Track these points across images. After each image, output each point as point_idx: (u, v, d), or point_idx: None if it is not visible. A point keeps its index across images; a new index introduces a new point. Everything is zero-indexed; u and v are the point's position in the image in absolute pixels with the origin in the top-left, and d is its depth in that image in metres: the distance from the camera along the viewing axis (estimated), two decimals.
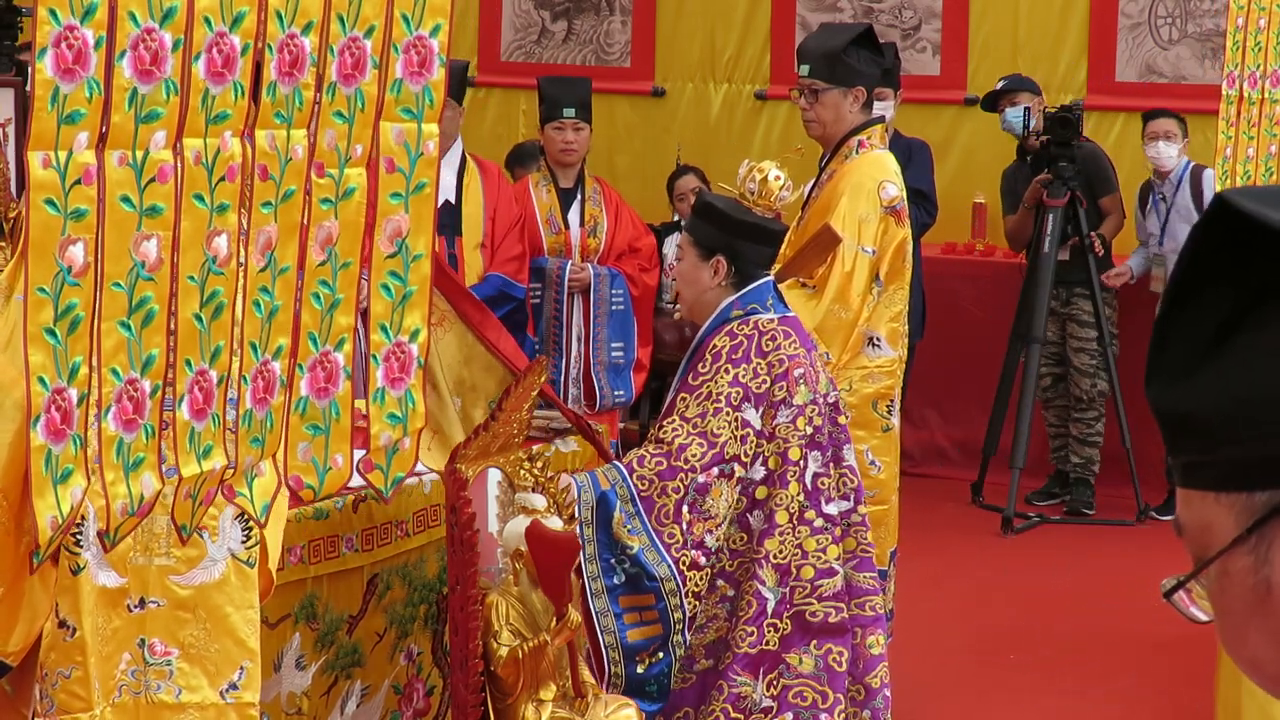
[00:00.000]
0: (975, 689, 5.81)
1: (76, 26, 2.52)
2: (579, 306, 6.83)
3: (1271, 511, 1.13)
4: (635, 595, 3.94)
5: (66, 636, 3.27)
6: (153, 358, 2.74)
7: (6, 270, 3.42)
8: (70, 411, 2.66)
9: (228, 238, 2.80)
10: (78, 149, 2.55)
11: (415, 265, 3.19)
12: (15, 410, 3.30)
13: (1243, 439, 1.13)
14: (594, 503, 3.91)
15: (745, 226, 4.14)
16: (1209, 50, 8.40)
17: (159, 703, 3.34)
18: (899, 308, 5.16)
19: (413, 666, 4.05)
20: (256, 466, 3.05)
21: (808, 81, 5.26)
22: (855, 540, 4.17)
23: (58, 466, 2.67)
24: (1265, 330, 1.12)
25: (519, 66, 9.49)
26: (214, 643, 3.35)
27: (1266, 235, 1.12)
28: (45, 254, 2.57)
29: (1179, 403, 1.17)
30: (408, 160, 3.11)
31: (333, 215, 3.03)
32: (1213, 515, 1.17)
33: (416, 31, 3.06)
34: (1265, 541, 1.13)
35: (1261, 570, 1.14)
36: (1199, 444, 1.17)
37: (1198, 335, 1.16)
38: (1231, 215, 1.14)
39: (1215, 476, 1.16)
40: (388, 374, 3.20)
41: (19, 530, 3.34)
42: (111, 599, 3.30)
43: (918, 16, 8.97)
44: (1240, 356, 1.13)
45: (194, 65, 2.67)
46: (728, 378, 4.02)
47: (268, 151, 2.86)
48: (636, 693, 3.92)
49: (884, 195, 5.14)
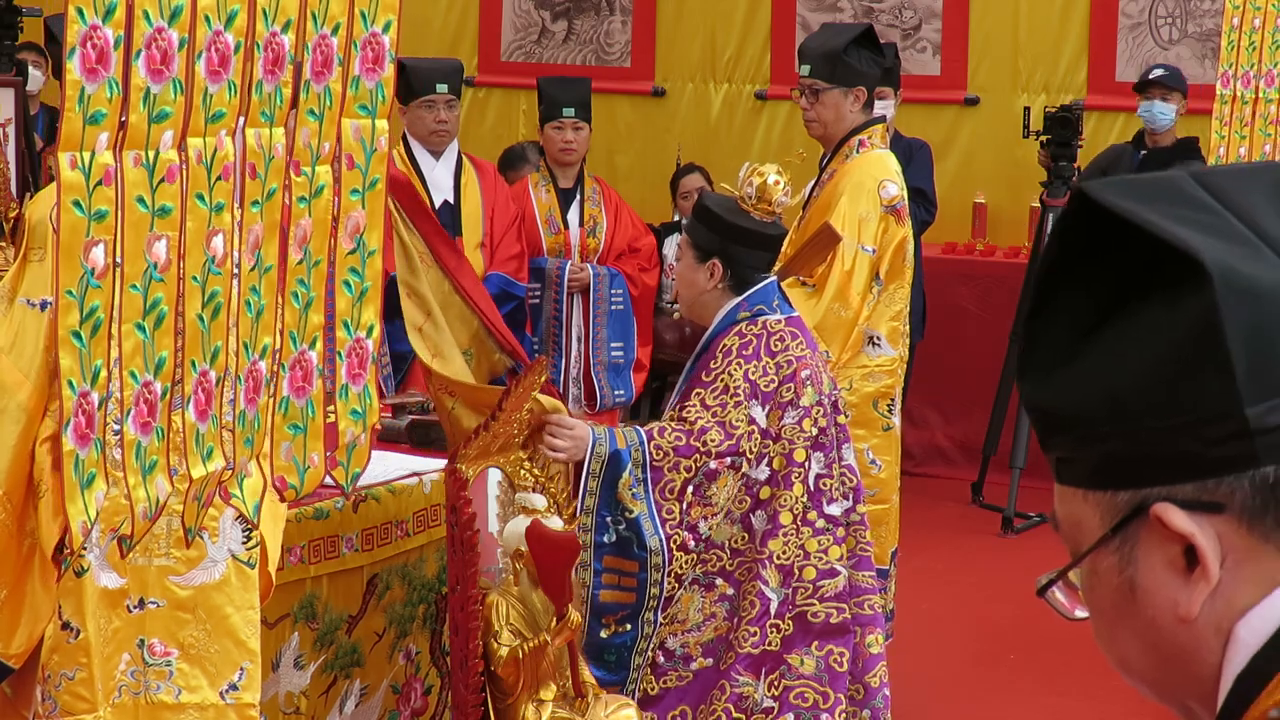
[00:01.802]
0: (975, 689, 5.81)
1: (99, 26, 2.51)
2: (579, 306, 6.84)
3: (1134, 511, 1.12)
4: (620, 559, 3.93)
5: (70, 638, 3.28)
6: (163, 360, 2.75)
7: (9, 273, 3.42)
8: (93, 415, 2.67)
9: (224, 237, 2.81)
10: (99, 149, 2.56)
11: (370, 261, 3.21)
12: (19, 412, 3.31)
13: (1105, 437, 1.12)
14: (606, 457, 3.90)
15: (741, 231, 4.12)
16: (1209, 50, 8.40)
17: (158, 703, 3.34)
18: (899, 306, 5.16)
19: (411, 666, 4.05)
20: (244, 467, 3.06)
21: (809, 81, 5.26)
22: (854, 539, 4.17)
23: (84, 471, 2.68)
24: (1127, 326, 1.11)
25: (519, 66, 9.49)
26: (214, 643, 3.36)
27: (1126, 229, 1.11)
28: (72, 256, 2.58)
29: (1046, 398, 1.16)
30: (364, 156, 3.13)
31: (307, 213, 3.05)
32: (1081, 513, 1.16)
33: (371, 28, 3.07)
34: (1129, 542, 1.13)
35: (1126, 571, 1.13)
36: (1066, 440, 1.16)
37: (1063, 331, 1.14)
38: (1091, 208, 1.13)
39: (1082, 473, 1.15)
40: (349, 370, 3.21)
41: (21, 532, 3.34)
42: (112, 600, 3.31)
43: (918, 16, 8.97)
44: (1103, 353, 1.12)
45: (196, 64, 2.68)
46: (740, 372, 4.03)
47: (255, 150, 2.87)
48: (595, 656, 3.92)
49: (884, 194, 5.14)
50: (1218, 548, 1.10)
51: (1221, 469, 1.09)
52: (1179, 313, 1.08)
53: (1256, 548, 1.09)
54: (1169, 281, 1.09)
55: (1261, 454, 1.08)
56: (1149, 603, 1.13)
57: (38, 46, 7.79)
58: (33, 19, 6.96)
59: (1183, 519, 1.09)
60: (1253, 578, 1.10)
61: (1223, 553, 1.10)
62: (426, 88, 6.36)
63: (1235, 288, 1.06)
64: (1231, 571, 1.10)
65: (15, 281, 3.37)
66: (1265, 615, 1.09)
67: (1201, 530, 1.09)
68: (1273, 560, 1.09)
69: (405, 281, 3.78)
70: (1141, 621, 1.14)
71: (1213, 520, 1.09)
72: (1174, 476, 1.10)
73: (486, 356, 3.93)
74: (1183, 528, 1.09)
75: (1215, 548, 1.09)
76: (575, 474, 3.90)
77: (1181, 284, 1.08)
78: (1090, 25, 8.72)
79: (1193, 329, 1.07)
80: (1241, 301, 1.06)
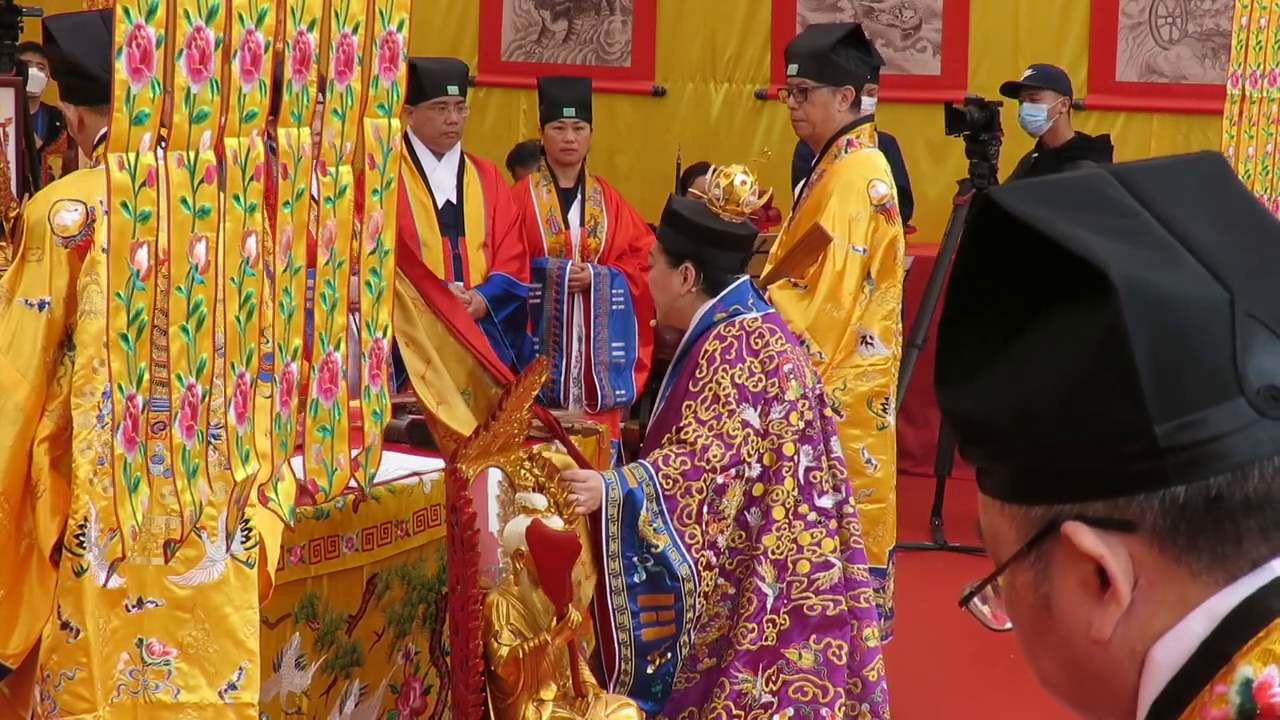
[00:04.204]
0: (975, 688, 5.81)
1: (143, 25, 2.49)
2: (579, 306, 6.83)
3: (1048, 527, 1.08)
4: (654, 594, 3.94)
5: (70, 638, 3.28)
6: (203, 362, 2.73)
7: (7, 273, 3.42)
8: (138, 418, 2.66)
9: (256, 238, 2.80)
10: (143, 150, 2.54)
11: (386, 260, 3.21)
12: (16, 412, 3.31)
13: (1016, 450, 1.09)
14: (621, 500, 3.91)
15: (710, 233, 4.11)
16: (1209, 50, 8.41)
17: (157, 703, 3.34)
18: (891, 305, 5.16)
19: (410, 666, 4.05)
20: (279, 470, 3.05)
21: (796, 80, 5.26)
22: (847, 531, 4.17)
23: (131, 475, 2.67)
24: (1036, 337, 1.07)
25: (519, 66, 9.50)
26: (213, 643, 3.35)
27: (1031, 237, 1.07)
28: (120, 258, 2.56)
29: (961, 406, 1.13)
30: (382, 155, 3.13)
31: (332, 214, 3.04)
32: (999, 525, 1.13)
33: (388, 27, 3.07)
34: (1044, 559, 1.09)
35: (1041, 587, 1.10)
36: (981, 451, 1.13)
37: (977, 339, 1.11)
38: (998, 216, 1.09)
39: (998, 485, 1.12)
40: (370, 371, 3.21)
41: (19, 532, 3.34)
42: (110, 599, 3.31)
43: (918, 16, 8.97)
44: (1014, 362, 1.08)
45: (232, 63, 2.67)
46: (727, 379, 4.02)
47: (286, 150, 2.86)
48: (643, 692, 3.93)
49: (874, 193, 5.14)
50: (1129, 568, 1.06)
51: (1131, 488, 1.05)
52: (1085, 326, 1.04)
53: (1169, 569, 1.06)
54: (1076, 292, 1.05)
55: (1172, 473, 1.04)
56: (1064, 621, 1.10)
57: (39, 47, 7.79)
58: (33, 19, 6.96)
59: (1092, 539, 1.06)
60: (1165, 600, 1.06)
61: (1135, 574, 1.06)
62: (438, 89, 6.36)
63: (1143, 300, 1.02)
64: (1145, 592, 1.07)
65: (13, 281, 3.37)
66: (1180, 637, 1.06)
67: (1112, 551, 1.06)
68: (1184, 583, 1.06)
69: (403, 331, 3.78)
70: (1058, 639, 1.11)
71: (1125, 540, 1.06)
72: (1085, 494, 1.07)
73: (483, 393, 3.93)
74: (1091, 549, 1.06)
75: (1127, 569, 1.06)
76: (592, 523, 3.90)
77: (1087, 295, 1.04)
78: (1090, 25, 8.73)
79: (1098, 342, 1.03)
80: (1149, 314, 1.02)
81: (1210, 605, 1.05)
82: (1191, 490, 1.04)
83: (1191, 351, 1.03)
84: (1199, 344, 1.03)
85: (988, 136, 7.21)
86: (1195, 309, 1.03)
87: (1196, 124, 7.87)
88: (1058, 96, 7.36)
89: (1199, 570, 1.05)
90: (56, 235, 3.34)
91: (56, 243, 3.34)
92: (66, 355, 3.34)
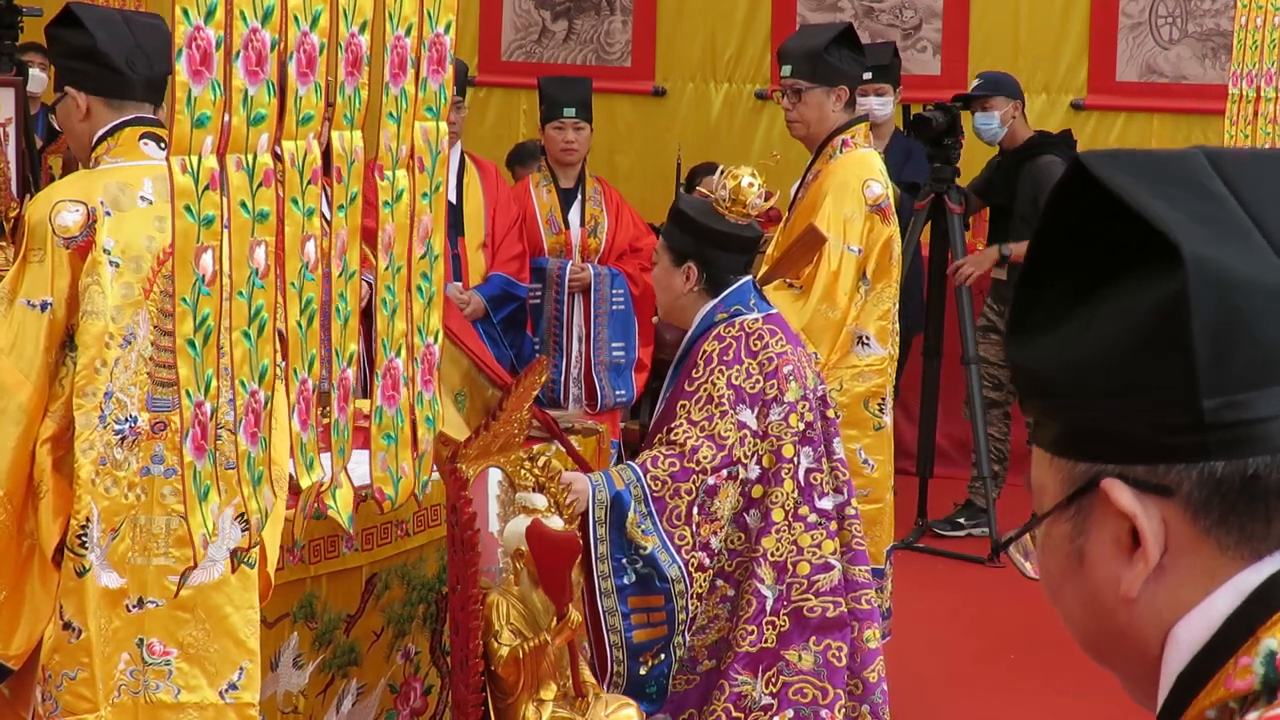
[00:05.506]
0: (975, 689, 5.81)
1: (202, 27, 2.48)
2: (580, 306, 6.84)
3: (1089, 483, 1.13)
4: (645, 596, 3.94)
5: (72, 638, 3.28)
6: (264, 368, 2.71)
7: (10, 274, 3.43)
8: (206, 425, 2.64)
9: (314, 243, 2.78)
10: (204, 153, 2.53)
11: (435, 265, 3.19)
12: (19, 413, 3.32)
13: (1068, 406, 1.14)
14: (608, 502, 3.90)
15: (716, 234, 4.11)
16: (1209, 50, 8.41)
17: (158, 702, 3.35)
18: (887, 305, 5.16)
19: (410, 666, 4.05)
20: (337, 477, 3.04)
21: (790, 81, 5.26)
22: (848, 533, 4.17)
23: (200, 483, 2.66)
24: (1104, 300, 1.11)
25: (519, 66, 9.50)
26: (213, 643, 3.36)
27: (1114, 205, 1.11)
28: (185, 263, 2.55)
29: (1026, 359, 1.17)
30: (430, 159, 3.11)
31: (390, 219, 3.02)
32: (1046, 477, 1.18)
33: (436, 29, 3.06)
34: (1083, 513, 1.14)
35: (1077, 540, 1.15)
36: (1038, 405, 1.17)
37: (1051, 297, 1.15)
38: (1088, 181, 1.13)
39: (1050, 439, 1.17)
40: (423, 377, 3.19)
41: (21, 533, 3.35)
42: (111, 599, 3.31)
43: (918, 16, 8.97)
44: (1080, 324, 1.12)
45: (288, 65, 2.65)
46: (722, 380, 4.02)
47: (340, 153, 2.84)
48: (636, 693, 3.93)
49: (868, 194, 5.14)
50: (1160, 532, 1.10)
51: (1172, 456, 1.09)
52: (1150, 294, 1.08)
53: (1199, 540, 1.10)
54: (1148, 261, 1.08)
55: (1213, 448, 1.08)
56: (1094, 574, 1.14)
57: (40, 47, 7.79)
58: (33, 19, 6.96)
59: (1129, 499, 1.10)
60: (1192, 569, 1.10)
61: (1166, 539, 1.10)
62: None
63: (1210, 278, 1.06)
64: (1173, 558, 1.11)
65: (15, 282, 3.38)
66: (1206, 613, 1.10)
67: (1146, 512, 1.10)
68: (1212, 556, 1.10)
69: None
70: (1087, 593, 1.16)
71: (1160, 504, 1.10)
72: (1128, 456, 1.11)
73: (480, 394, 3.93)
74: (1128, 507, 1.10)
75: (1158, 532, 1.10)
76: (582, 525, 3.90)
77: (1158, 267, 1.07)
78: (1090, 25, 8.73)
79: (1160, 313, 1.07)
80: (1214, 292, 1.06)
81: (1236, 581, 1.09)
82: (1229, 467, 1.08)
83: (1249, 333, 1.06)
84: (1257, 327, 1.06)
85: (950, 141, 7.25)
86: (1260, 293, 1.06)
87: (1197, 124, 7.87)
88: (1008, 101, 7.43)
89: (1227, 545, 1.09)
90: (57, 236, 3.34)
91: (57, 243, 3.34)
92: (68, 356, 3.34)
